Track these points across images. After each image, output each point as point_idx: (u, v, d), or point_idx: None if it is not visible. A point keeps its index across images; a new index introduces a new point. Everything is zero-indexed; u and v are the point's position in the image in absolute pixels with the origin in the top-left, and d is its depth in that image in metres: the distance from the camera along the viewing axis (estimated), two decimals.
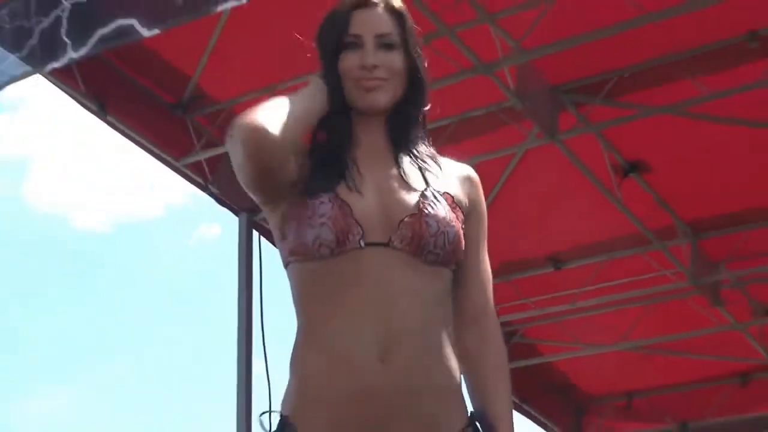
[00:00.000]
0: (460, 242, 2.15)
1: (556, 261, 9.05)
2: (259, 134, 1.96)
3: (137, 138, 7.20)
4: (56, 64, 5.55)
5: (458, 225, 2.16)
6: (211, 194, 7.68)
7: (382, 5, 2.23)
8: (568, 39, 6.88)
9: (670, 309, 9.56)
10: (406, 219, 2.11)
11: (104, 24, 5.23)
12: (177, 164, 7.41)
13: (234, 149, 1.96)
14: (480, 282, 2.31)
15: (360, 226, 2.07)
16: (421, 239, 2.10)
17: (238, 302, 7.65)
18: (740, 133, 7.37)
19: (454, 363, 2.19)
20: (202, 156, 7.41)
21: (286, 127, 2.01)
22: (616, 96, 7.37)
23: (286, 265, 2.19)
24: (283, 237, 2.15)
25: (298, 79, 6.82)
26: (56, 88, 6.62)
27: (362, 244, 2.07)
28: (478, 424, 2.18)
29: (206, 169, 7.52)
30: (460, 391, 2.18)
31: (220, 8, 5.32)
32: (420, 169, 2.27)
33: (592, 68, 7.30)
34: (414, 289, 2.14)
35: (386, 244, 2.10)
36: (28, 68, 5.69)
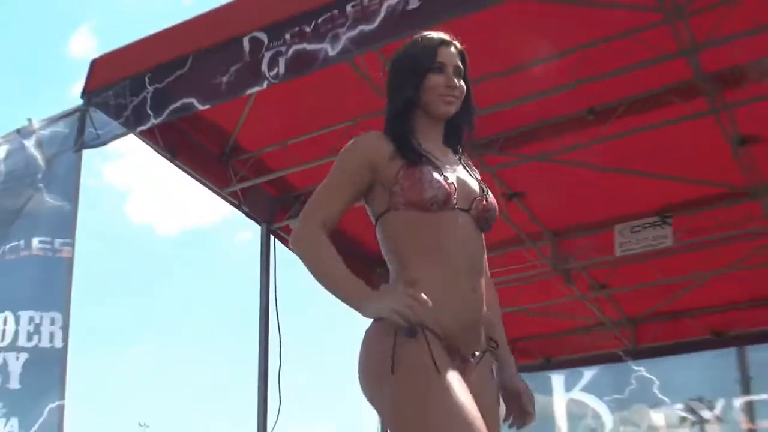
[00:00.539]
0: (497, 220, 2.35)
1: None
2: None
3: (196, 175, 7.31)
4: (143, 128, 5.78)
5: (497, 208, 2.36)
6: (243, 211, 7.77)
7: (454, 45, 2.37)
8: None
9: (539, 286, 9.70)
10: (478, 197, 2.28)
11: (174, 101, 5.43)
12: (221, 192, 7.56)
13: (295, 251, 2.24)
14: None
15: (454, 193, 2.20)
16: (486, 212, 2.28)
17: (260, 287, 7.56)
18: (586, 173, 7.43)
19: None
20: (238, 187, 7.52)
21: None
22: (505, 148, 7.31)
23: (383, 214, 2.25)
24: (396, 194, 2.19)
25: (308, 135, 7.15)
26: (143, 143, 6.71)
27: (456, 206, 2.21)
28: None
29: (240, 196, 7.63)
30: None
31: (248, 92, 5.60)
32: (465, 166, 2.41)
33: (489, 131, 7.09)
34: (479, 244, 2.29)
35: (467, 210, 2.24)
36: (124, 130, 5.86)
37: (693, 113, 6.62)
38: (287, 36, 5.06)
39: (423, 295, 1.97)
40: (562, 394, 11.57)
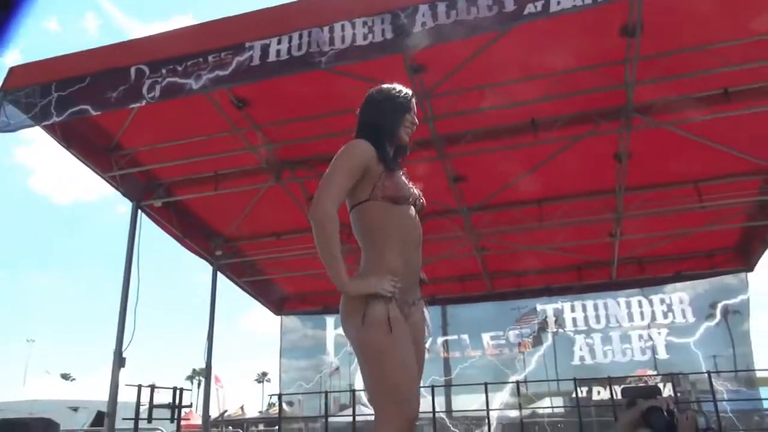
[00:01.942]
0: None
1: None
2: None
3: (86, 162, 6.76)
4: (47, 123, 5.35)
5: None
6: (120, 192, 7.29)
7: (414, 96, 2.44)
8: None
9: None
10: (418, 197, 2.30)
11: (73, 106, 5.02)
12: (104, 175, 7.07)
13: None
14: None
15: (411, 195, 2.25)
16: (422, 207, 2.31)
17: (127, 246, 7.13)
18: None
19: None
20: (117, 173, 7.08)
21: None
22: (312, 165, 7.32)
23: (363, 202, 2.18)
24: (377, 188, 2.16)
25: (172, 142, 6.83)
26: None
27: (411, 201, 2.25)
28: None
29: (118, 180, 7.17)
30: None
31: (131, 106, 5.25)
32: (404, 175, 2.35)
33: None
34: (419, 224, 2.29)
35: (414, 204, 2.26)
36: (32, 123, 5.25)
37: (428, 158, 6.99)
38: (164, 71, 4.84)
39: (392, 283, 2.08)
40: (332, 330, 11.82)
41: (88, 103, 5.03)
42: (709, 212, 7.97)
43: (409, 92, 2.43)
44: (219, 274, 9.28)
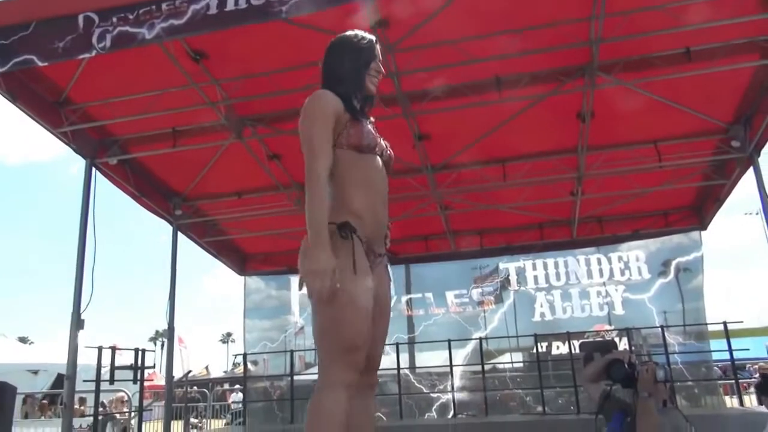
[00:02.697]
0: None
1: None
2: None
3: (33, 116, 6.39)
4: None
5: None
6: (72, 149, 6.97)
7: (379, 44, 2.45)
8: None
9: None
10: (386, 149, 2.30)
11: (17, 56, 4.72)
12: (54, 131, 6.76)
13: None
14: None
15: (377, 145, 2.24)
16: (390, 159, 2.31)
17: (81, 205, 6.90)
18: None
19: None
20: (68, 129, 6.76)
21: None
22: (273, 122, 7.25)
23: (333, 147, 2.12)
24: (342, 136, 2.13)
25: (126, 97, 6.56)
26: None
27: (377, 152, 2.24)
28: None
29: (70, 136, 6.86)
30: None
31: (79, 57, 4.95)
32: (372, 126, 2.34)
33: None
34: (386, 180, 2.27)
35: (380, 155, 2.26)
36: None
37: (392, 114, 6.90)
38: (114, 19, 4.60)
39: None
40: (297, 290, 11.59)
41: (34, 53, 4.76)
42: (667, 171, 8.14)
43: (373, 38, 2.39)
44: (179, 234, 9.10)
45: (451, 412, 9.52)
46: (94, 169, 7.19)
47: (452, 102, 6.82)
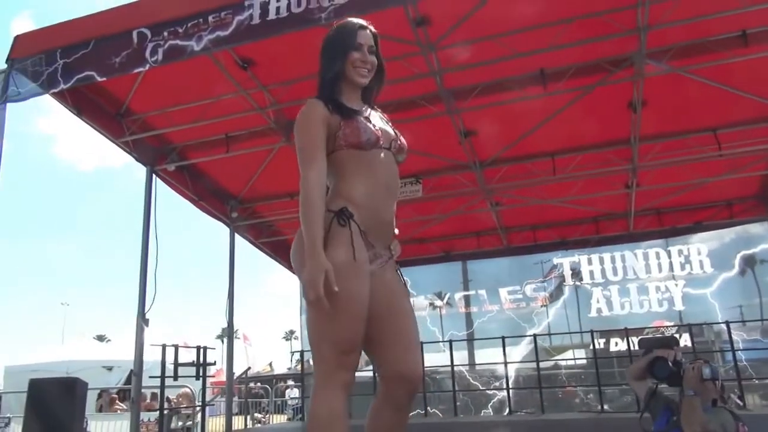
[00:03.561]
0: (406, 156, 2.22)
1: None
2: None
3: (98, 128, 6.80)
4: (54, 90, 5.30)
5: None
6: (133, 157, 7.33)
7: (369, 29, 2.19)
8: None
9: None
10: (394, 139, 2.16)
11: (79, 72, 5.05)
12: (117, 141, 7.11)
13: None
14: None
15: (380, 137, 2.10)
16: (400, 150, 2.17)
17: (143, 210, 7.16)
18: None
19: None
20: (129, 138, 7.11)
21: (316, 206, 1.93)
22: None
23: (334, 151, 2.05)
24: (339, 138, 2.04)
25: (181, 106, 6.82)
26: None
27: (381, 146, 2.11)
28: None
29: (131, 145, 7.20)
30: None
31: (134, 71, 5.29)
32: (380, 117, 2.23)
33: None
34: (395, 172, 2.15)
35: (388, 148, 2.14)
36: (40, 91, 5.29)
37: (436, 112, 6.89)
38: (165, 33, 4.85)
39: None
40: None
41: (93, 69, 5.07)
42: (728, 160, 7.76)
43: (356, 24, 2.20)
44: (237, 235, 9.39)
45: (507, 410, 9.44)
46: (154, 175, 7.51)
47: (497, 97, 6.74)
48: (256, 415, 14.18)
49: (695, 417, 2.89)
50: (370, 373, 9.12)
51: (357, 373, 2.01)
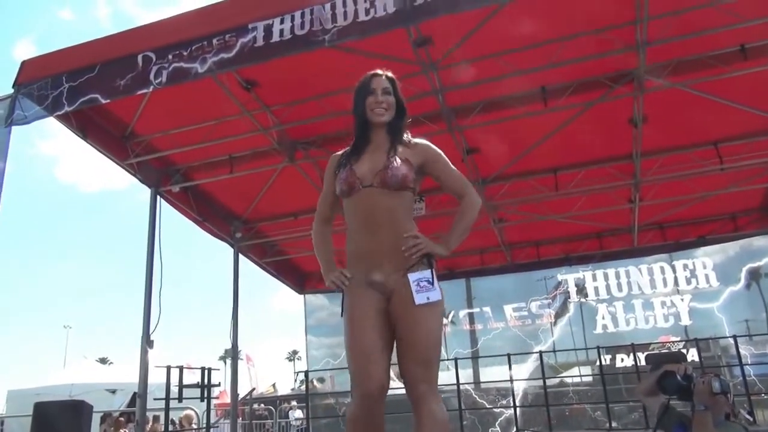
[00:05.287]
0: (404, 180, 2.29)
1: None
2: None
3: (103, 150, 6.85)
4: (59, 113, 5.40)
5: (405, 172, 2.29)
6: (138, 179, 7.39)
7: (383, 75, 2.45)
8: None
9: None
10: (380, 171, 2.29)
11: (84, 95, 5.08)
12: (121, 163, 7.17)
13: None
14: (453, 181, 2.47)
15: (359, 179, 2.30)
16: (386, 179, 2.28)
17: (148, 231, 7.19)
18: None
19: (406, 229, 2.30)
20: (134, 161, 7.17)
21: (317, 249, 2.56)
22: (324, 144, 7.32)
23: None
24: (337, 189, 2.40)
25: (185, 128, 6.87)
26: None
27: (361, 187, 2.29)
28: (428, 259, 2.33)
29: (135, 167, 7.26)
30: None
31: (138, 92, 5.29)
32: (396, 149, 2.36)
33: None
34: (385, 203, 2.28)
35: (370, 185, 2.29)
36: (45, 114, 5.32)
37: (438, 131, 6.93)
38: (170, 56, 4.89)
39: (343, 274, 2.34)
40: None
41: (98, 92, 5.11)
42: (730, 174, 7.77)
43: (369, 74, 2.48)
44: (241, 255, 9.38)
45: (515, 428, 9.33)
46: (158, 197, 7.52)
47: (498, 114, 6.79)
48: None
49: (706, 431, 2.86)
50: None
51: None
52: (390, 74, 2.47)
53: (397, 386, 2.43)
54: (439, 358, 2.29)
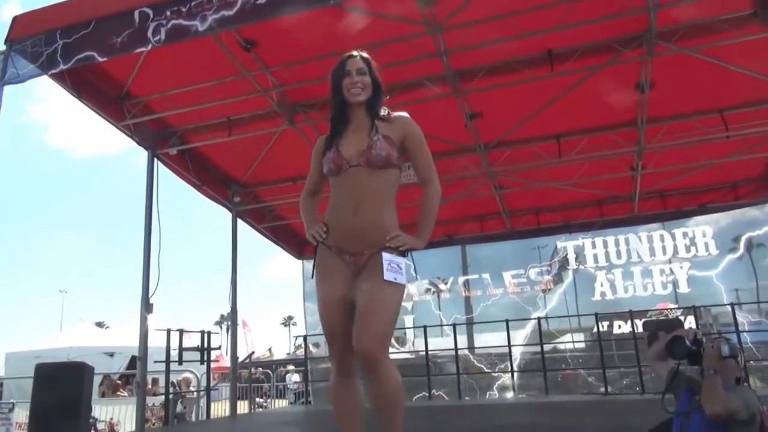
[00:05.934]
0: (387, 158, 2.33)
1: None
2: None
3: (98, 111, 6.74)
4: (54, 71, 5.20)
5: (388, 150, 2.34)
6: (134, 141, 7.26)
7: (357, 56, 2.45)
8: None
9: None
10: (364, 151, 2.34)
11: (79, 53, 4.97)
12: (118, 125, 7.04)
13: None
14: (423, 163, 2.45)
15: (346, 159, 2.35)
16: (371, 158, 2.33)
17: (145, 195, 7.13)
18: None
19: (386, 213, 2.35)
20: (130, 122, 7.06)
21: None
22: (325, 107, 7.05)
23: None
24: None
25: (183, 88, 6.73)
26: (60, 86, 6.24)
27: (348, 167, 2.35)
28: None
29: (132, 129, 7.16)
30: (389, 227, 2.33)
31: (136, 51, 5.09)
32: (374, 130, 2.39)
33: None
34: (370, 182, 2.34)
35: (357, 165, 2.33)
36: (39, 72, 5.22)
37: (442, 94, 6.81)
38: (168, 12, 4.76)
39: (322, 228, 2.40)
40: None
41: (94, 50, 4.98)
42: (734, 142, 7.71)
43: (344, 57, 2.50)
44: (239, 220, 9.33)
45: (511, 392, 9.48)
46: (156, 159, 7.42)
47: (503, 78, 6.67)
48: (257, 399, 14.22)
49: (716, 396, 2.85)
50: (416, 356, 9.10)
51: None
52: (365, 54, 2.48)
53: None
54: (392, 334, 2.37)
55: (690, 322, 8.62)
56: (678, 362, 3.01)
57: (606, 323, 10.20)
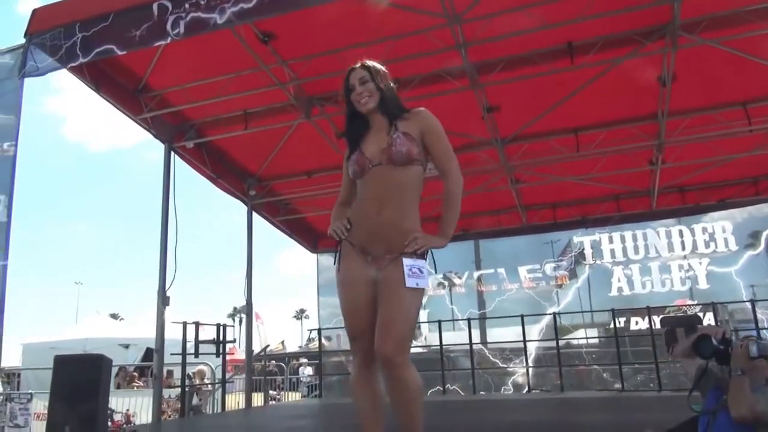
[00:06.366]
0: (408, 154, 2.36)
1: None
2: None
3: (116, 104, 6.76)
4: (73, 64, 5.23)
5: (409, 146, 2.37)
6: (151, 134, 7.27)
7: (359, 67, 2.50)
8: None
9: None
10: (384, 149, 2.38)
11: (98, 46, 4.98)
12: (135, 118, 7.04)
13: None
14: (442, 154, 2.46)
15: (368, 159, 2.41)
16: (392, 155, 2.36)
17: (162, 188, 7.16)
18: None
19: (408, 215, 2.39)
20: (148, 115, 7.04)
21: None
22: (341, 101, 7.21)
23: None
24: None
25: (200, 81, 6.74)
26: (78, 80, 6.26)
27: (370, 166, 2.40)
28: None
29: (149, 122, 7.15)
30: (410, 230, 2.35)
31: (155, 44, 5.17)
32: (393, 129, 2.43)
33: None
34: (393, 178, 2.37)
35: (379, 163, 2.38)
36: (58, 65, 5.24)
37: (460, 87, 6.76)
38: (187, 5, 4.74)
39: (344, 224, 2.45)
40: None
41: (113, 43, 4.99)
42: (756, 136, 7.56)
43: (347, 72, 2.54)
44: (254, 213, 9.35)
45: (526, 388, 9.45)
46: (172, 153, 7.44)
47: (522, 71, 6.58)
48: (270, 392, 14.29)
49: (742, 397, 2.79)
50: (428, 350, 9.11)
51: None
52: (367, 63, 2.52)
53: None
54: (412, 337, 2.42)
55: (709, 319, 8.52)
56: (707, 360, 2.97)
57: (623, 319, 10.12)
